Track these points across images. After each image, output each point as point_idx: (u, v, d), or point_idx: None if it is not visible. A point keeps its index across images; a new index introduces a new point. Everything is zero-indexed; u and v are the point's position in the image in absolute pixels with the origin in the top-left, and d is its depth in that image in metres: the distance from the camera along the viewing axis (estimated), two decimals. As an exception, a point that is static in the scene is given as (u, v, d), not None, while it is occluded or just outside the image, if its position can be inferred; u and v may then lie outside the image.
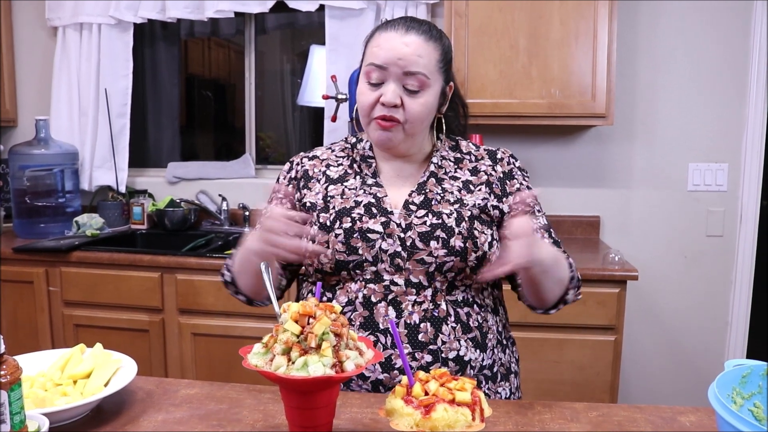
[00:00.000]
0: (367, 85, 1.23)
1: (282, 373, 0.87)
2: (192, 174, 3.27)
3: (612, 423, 1.04)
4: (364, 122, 1.26)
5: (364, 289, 1.22)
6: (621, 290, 2.33)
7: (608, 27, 2.51)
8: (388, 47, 1.20)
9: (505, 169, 1.32)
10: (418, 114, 1.22)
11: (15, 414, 0.83)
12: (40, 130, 2.95)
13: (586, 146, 2.98)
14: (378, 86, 1.22)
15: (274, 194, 1.36)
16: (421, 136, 1.30)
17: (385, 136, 1.23)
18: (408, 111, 1.21)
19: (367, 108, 1.23)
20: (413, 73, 1.20)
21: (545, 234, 1.28)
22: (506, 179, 1.31)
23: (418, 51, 1.20)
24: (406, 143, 1.27)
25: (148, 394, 1.15)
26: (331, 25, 2.98)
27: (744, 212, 2.90)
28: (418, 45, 1.20)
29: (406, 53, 1.19)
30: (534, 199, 1.29)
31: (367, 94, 1.23)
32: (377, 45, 1.22)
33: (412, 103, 1.21)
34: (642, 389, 3.01)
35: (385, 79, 1.21)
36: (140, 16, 3.10)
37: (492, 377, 1.27)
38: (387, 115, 1.21)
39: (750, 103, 2.84)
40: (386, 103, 1.20)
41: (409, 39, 1.20)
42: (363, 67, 1.25)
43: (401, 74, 1.20)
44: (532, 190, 1.09)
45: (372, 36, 1.27)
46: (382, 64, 1.20)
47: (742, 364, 0.93)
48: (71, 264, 2.62)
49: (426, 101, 1.22)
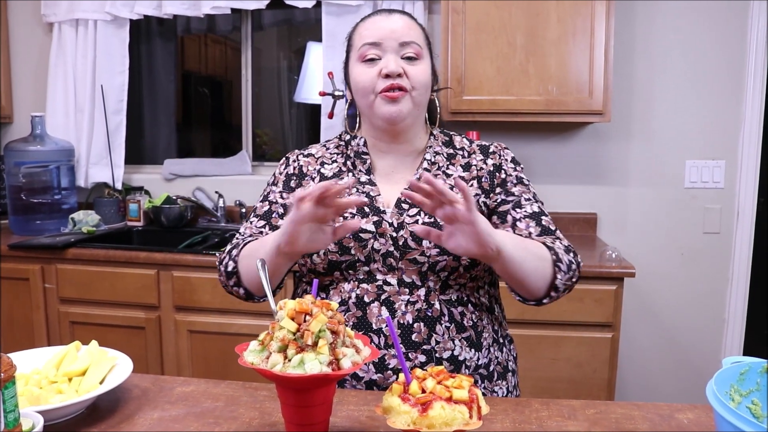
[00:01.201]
0: (363, 65, 1.24)
1: (278, 370, 0.86)
2: (188, 171, 3.26)
3: (609, 420, 1.04)
4: (368, 102, 1.24)
5: (357, 289, 1.21)
6: (618, 287, 2.33)
7: (605, 24, 2.51)
8: (378, 26, 1.24)
9: (495, 161, 1.31)
10: (423, 79, 1.23)
11: (9, 412, 0.82)
12: (36, 126, 2.94)
13: (583, 143, 2.98)
14: (375, 62, 1.23)
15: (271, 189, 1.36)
16: (422, 110, 1.29)
17: (395, 108, 1.22)
18: (412, 77, 1.22)
19: (369, 85, 1.23)
20: (408, 42, 1.23)
21: (531, 222, 1.24)
22: (495, 172, 1.30)
23: (407, 25, 1.25)
24: (412, 114, 1.25)
25: (144, 391, 1.14)
26: (328, 21, 2.97)
27: (741, 209, 2.91)
28: (405, 21, 1.25)
29: (397, 27, 1.23)
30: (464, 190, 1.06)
31: (367, 71, 1.23)
32: (365, 28, 1.26)
33: (414, 69, 1.23)
34: (639, 386, 3.02)
35: (381, 54, 1.23)
36: (136, 13, 3.08)
37: (488, 376, 1.26)
38: (394, 84, 1.21)
39: (747, 100, 2.85)
40: (390, 73, 1.20)
41: (394, 17, 1.26)
42: (355, 53, 1.26)
43: (397, 46, 1.22)
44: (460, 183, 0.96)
45: (355, 28, 1.30)
46: (377, 40, 1.22)
47: (740, 361, 0.92)
48: (67, 261, 2.61)
49: (425, 68, 1.25)
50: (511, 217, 1.25)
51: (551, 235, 1.23)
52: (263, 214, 1.33)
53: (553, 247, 1.17)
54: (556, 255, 1.16)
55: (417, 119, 1.29)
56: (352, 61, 1.28)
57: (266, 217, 1.32)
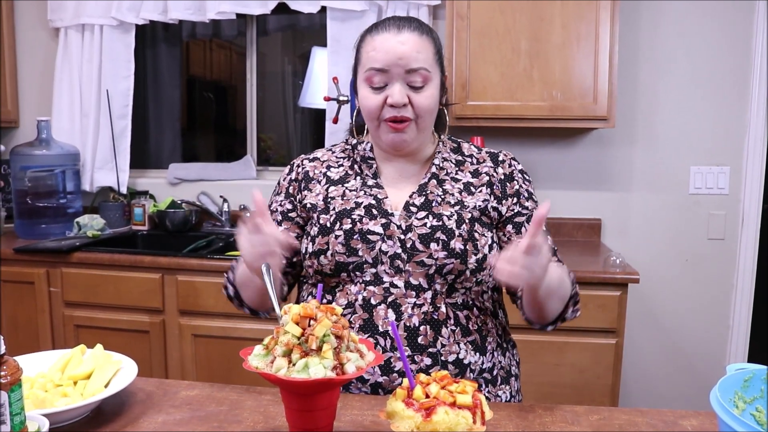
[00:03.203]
0: (370, 89, 1.23)
1: (283, 375, 0.86)
2: (193, 175, 3.27)
3: (613, 426, 1.04)
4: (373, 126, 1.26)
5: (363, 291, 1.21)
6: (622, 293, 2.33)
7: (610, 29, 2.51)
8: (385, 49, 1.20)
9: (506, 171, 1.32)
10: (427, 107, 1.23)
11: (15, 415, 0.83)
12: (42, 131, 2.95)
13: (587, 149, 2.98)
14: (381, 89, 1.21)
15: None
16: (429, 131, 1.30)
17: (399, 138, 1.23)
18: (417, 106, 1.21)
19: (374, 111, 1.23)
20: (415, 70, 1.20)
21: (551, 254, 1.27)
22: (507, 181, 1.31)
23: (415, 47, 1.20)
24: (418, 140, 1.26)
25: (149, 395, 1.14)
26: (333, 26, 2.98)
27: (745, 215, 2.90)
28: (415, 41, 1.20)
29: (405, 51, 1.19)
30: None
31: (372, 98, 1.22)
32: (373, 49, 1.21)
33: (419, 97, 1.21)
34: (643, 393, 3.00)
35: (388, 81, 1.21)
36: (142, 18, 3.10)
37: (492, 380, 1.26)
38: (398, 116, 1.21)
39: (752, 106, 2.84)
40: (395, 104, 1.19)
41: (404, 37, 1.20)
42: (362, 73, 1.24)
43: (403, 73, 1.20)
44: (544, 206, 1.00)
45: (363, 40, 1.26)
46: (383, 67, 1.20)
47: (744, 368, 0.92)
48: (72, 265, 2.62)
49: (432, 93, 1.23)
50: (525, 231, 1.26)
51: (555, 256, 1.26)
52: None
53: (575, 284, 1.25)
54: (576, 292, 1.24)
55: (424, 136, 1.29)
56: (360, 79, 1.26)
57: None
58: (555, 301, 1.19)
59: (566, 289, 1.21)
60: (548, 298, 1.16)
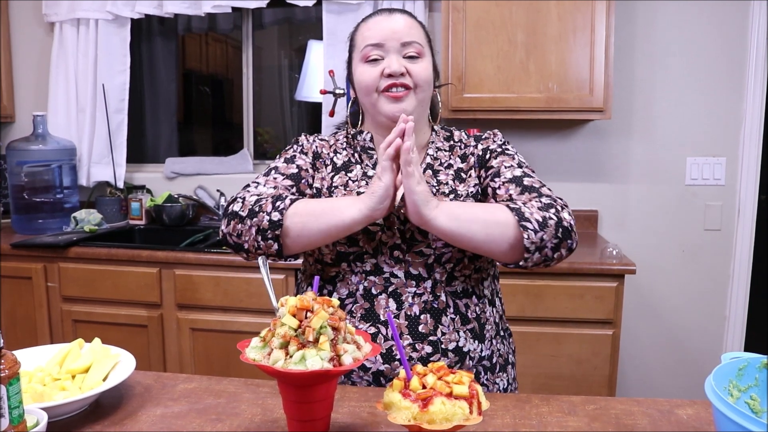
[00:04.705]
0: (366, 65, 1.26)
1: (280, 366, 0.87)
2: (190, 169, 3.27)
3: (609, 416, 1.04)
4: (371, 100, 1.26)
5: (364, 281, 1.22)
6: (619, 284, 2.34)
7: (606, 22, 2.51)
8: (379, 27, 1.26)
9: (485, 145, 1.33)
10: (425, 76, 1.26)
11: (14, 408, 0.83)
12: (38, 125, 2.95)
13: (583, 140, 2.98)
14: (378, 62, 1.25)
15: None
16: (426, 108, 1.31)
17: (398, 107, 1.24)
18: (415, 75, 1.24)
19: (371, 84, 1.25)
20: (410, 42, 1.25)
21: (511, 186, 1.22)
22: (484, 156, 1.32)
23: (408, 25, 1.27)
24: (416, 112, 1.27)
25: (147, 388, 1.15)
26: (329, 20, 2.97)
27: (742, 206, 2.91)
28: (406, 21, 1.28)
29: (398, 27, 1.25)
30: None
31: (370, 71, 1.25)
32: (368, 29, 1.27)
33: (416, 67, 1.25)
34: (640, 383, 3.02)
35: (384, 54, 1.25)
36: (137, 12, 3.09)
37: (491, 368, 1.28)
38: (397, 83, 1.23)
39: (748, 97, 2.85)
40: (393, 73, 1.22)
41: (396, 17, 1.28)
42: (358, 53, 1.28)
43: (399, 46, 1.24)
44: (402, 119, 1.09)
45: (357, 28, 1.32)
46: (379, 42, 1.25)
47: (739, 356, 0.93)
48: (69, 259, 2.62)
49: (427, 66, 1.27)
50: (491, 188, 1.26)
51: (533, 193, 1.20)
52: (290, 175, 1.29)
53: (518, 207, 1.14)
54: (519, 215, 1.12)
55: (421, 116, 1.31)
56: (355, 61, 1.29)
57: (295, 180, 1.29)
58: (477, 235, 1.11)
59: (492, 216, 1.13)
60: (453, 235, 1.12)
